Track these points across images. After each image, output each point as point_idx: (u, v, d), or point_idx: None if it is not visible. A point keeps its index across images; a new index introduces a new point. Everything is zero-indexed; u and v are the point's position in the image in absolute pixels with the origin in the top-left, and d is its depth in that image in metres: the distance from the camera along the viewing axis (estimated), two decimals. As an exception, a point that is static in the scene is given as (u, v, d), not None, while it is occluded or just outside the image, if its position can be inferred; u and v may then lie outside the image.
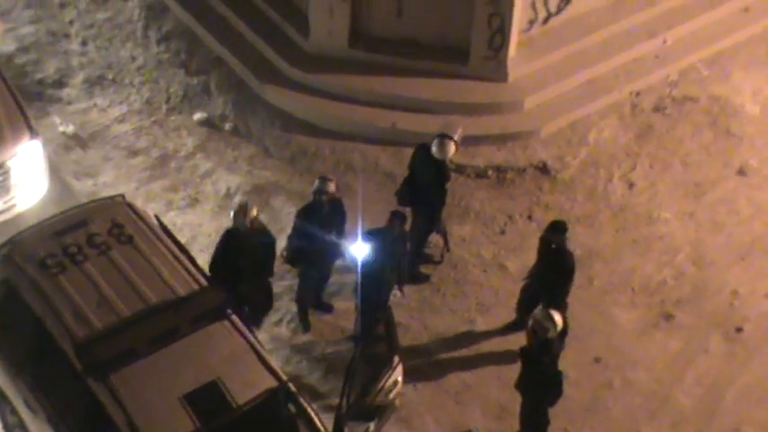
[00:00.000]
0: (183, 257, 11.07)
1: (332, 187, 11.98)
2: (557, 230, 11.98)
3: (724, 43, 15.42)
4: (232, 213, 11.65)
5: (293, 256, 12.22)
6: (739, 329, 12.79)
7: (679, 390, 12.28)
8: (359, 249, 11.68)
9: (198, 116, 14.65)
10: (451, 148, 12.46)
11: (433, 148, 12.45)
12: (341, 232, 12.23)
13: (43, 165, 13.09)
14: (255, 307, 11.99)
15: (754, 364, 12.50)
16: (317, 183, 12.02)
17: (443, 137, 12.46)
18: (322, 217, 12.00)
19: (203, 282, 10.94)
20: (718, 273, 13.34)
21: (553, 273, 11.95)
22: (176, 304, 10.63)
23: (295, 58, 14.65)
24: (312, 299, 12.60)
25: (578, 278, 13.12)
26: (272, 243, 11.79)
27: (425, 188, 12.61)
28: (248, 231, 11.56)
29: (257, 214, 11.64)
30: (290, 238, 12.20)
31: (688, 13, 15.40)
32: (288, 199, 13.71)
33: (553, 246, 11.91)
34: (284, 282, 12.71)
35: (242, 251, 11.54)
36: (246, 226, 11.52)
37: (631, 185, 14.19)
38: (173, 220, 13.17)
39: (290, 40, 14.78)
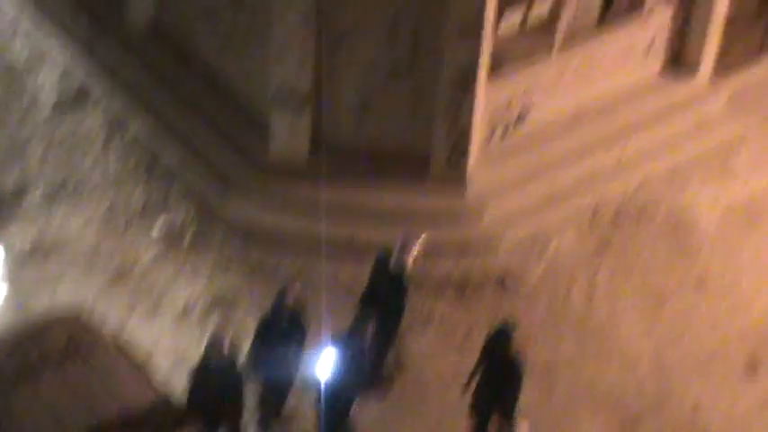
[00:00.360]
0: (140, 371, 10.92)
1: (291, 300, 11.92)
2: (503, 335, 11.90)
3: (680, 156, 15.62)
4: (204, 346, 11.54)
5: (253, 368, 12.09)
6: (702, 443, 12.80)
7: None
8: (320, 361, 11.59)
9: (157, 228, 14.58)
10: (409, 257, 12.44)
11: (391, 257, 12.44)
12: (301, 345, 12.14)
13: (2, 271, 12.99)
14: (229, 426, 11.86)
15: (716, 478, 12.49)
16: (276, 295, 11.96)
17: (402, 245, 12.46)
18: (281, 330, 11.92)
19: (161, 395, 10.80)
20: (679, 385, 13.32)
21: (502, 379, 11.86)
22: (133, 419, 10.47)
23: (255, 169, 14.66)
24: (273, 410, 12.43)
25: (539, 390, 13.13)
26: (240, 381, 11.67)
27: (384, 300, 12.56)
28: (219, 366, 11.43)
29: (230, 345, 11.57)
30: (249, 350, 12.09)
31: (645, 125, 15.60)
32: (248, 312, 13.59)
33: (501, 351, 11.84)
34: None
35: (212, 388, 11.40)
36: (218, 360, 11.41)
37: (591, 296, 14.22)
38: (131, 332, 13.00)
39: (250, 151, 14.81)
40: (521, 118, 15.07)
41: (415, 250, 12.51)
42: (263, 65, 14.27)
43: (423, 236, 12.87)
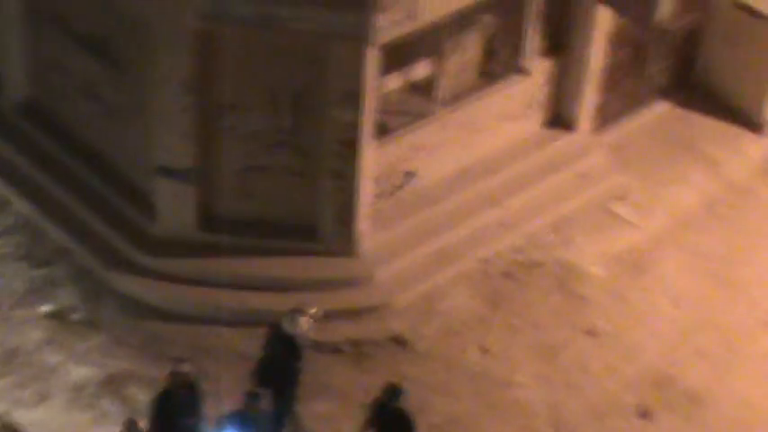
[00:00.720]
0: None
1: (187, 372, 11.82)
2: (393, 394, 11.92)
3: (565, 208, 15.91)
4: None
5: None
6: (600, 491, 12.93)
7: None
8: None
9: (44, 309, 14.32)
10: (303, 323, 12.44)
11: (285, 324, 12.43)
12: (198, 417, 12.01)
13: None
14: None
15: None
16: (171, 368, 11.84)
17: (294, 312, 12.48)
18: (178, 403, 11.79)
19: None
20: (575, 434, 13.51)
21: None
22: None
23: (143, 244, 14.57)
24: None
25: (440, 447, 13.21)
26: None
27: (280, 367, 12.52)
28: None
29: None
30: (147, 428, 11.93)
31: (529, 180, 15.88)
32: (142, 387, 13.42)
33: (391, 410, 11.84)
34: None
35: None
36: None
37: (486, 351, 14.34)
38: (21, 418, 12.76)
39: (137, 226, 14.73)
40: (407, 179, 15.23)
41: (311, 314, 12.51)
42: (145, 139, 14.26)
43: (315, 306, 12.90)
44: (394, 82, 14.53)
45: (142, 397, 13.30)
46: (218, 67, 13.75)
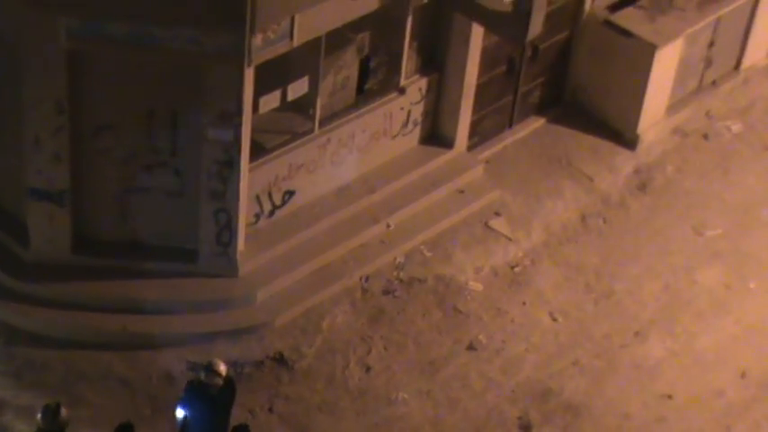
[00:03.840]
0: None
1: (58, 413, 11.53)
2: None
3: (443, 224, 16.04)
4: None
5: None
6: (482, 504, 13.03)
7: None
8: None
9: None
10: (222, 368, 12.11)
11: (202, 375, 12.09)
12: None
13: None
14: None
15: None
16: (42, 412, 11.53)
17: (210, 364, 12.16)
18: None
19: None
20: (457, 449, 13.62)
21: None
22: None
23: (14, 269, 14.26)
24: None
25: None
26: None
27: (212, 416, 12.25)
28: None
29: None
30: None
31: (408, 197, 15.97)
32: (16, 416, 13.12)
33: None
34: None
35: None
36: None
37: (368, 369, 14.38)
38: None
39: (8, 251, 14.41)
40: (286, 198, 15.20)
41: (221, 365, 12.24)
42: (17, 161, 13.94)
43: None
44: (271, 101, 14.49)
45: (17, 426, 13.03)
46: (92, 87, 13.53)
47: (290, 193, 15.23)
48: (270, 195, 15.03)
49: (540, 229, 16.32)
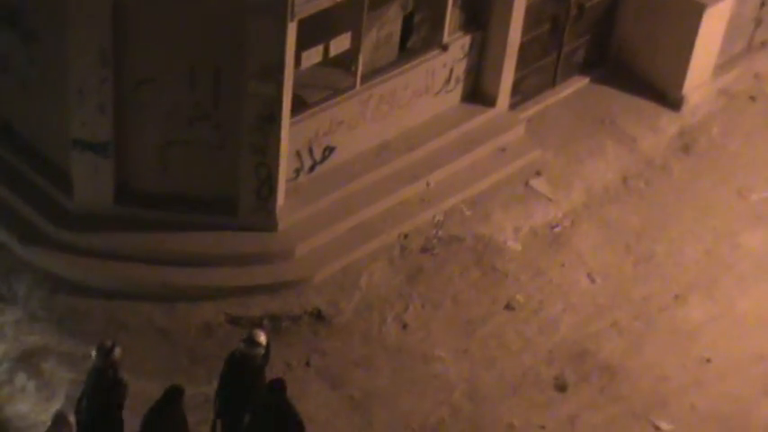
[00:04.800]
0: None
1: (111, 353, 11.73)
2: (276, 389, 11.84)
3: (484, 183, 16.01)
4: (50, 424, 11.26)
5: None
6: (516, 462, 13.10)
7: None
8: None
9: (-42, 284, 14.20)
10: (262, 339, 12.20)
11: (243, 346, 12.18)
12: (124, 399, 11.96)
13: None
14: None
15: (532, 497, 12.80)
16: (97, 351, 11.67)
17: (251, 333, 12.26)
18: (106, 384, 11.70)
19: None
20: (492, 407, 13.61)
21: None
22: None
23: (59, 218, 14.39)
24: None
25: (359, 421, 13.23)
26: None
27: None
28: None
29: None
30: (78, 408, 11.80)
31: (448, 155, 15.94)
32: (59, 362, 13.32)
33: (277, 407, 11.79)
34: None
35: None
36: None
37: (405, 326, 14.42)
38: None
39: (53, 200, 14.53)
40: (326, 154, 15.22)
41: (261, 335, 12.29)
42: (61, 112, 14.04)
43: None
44: (313, 56, 14.48)
45: (59, 373, 13.23)
46: (136, 40, 13.57)
47: (331, 149, 15.24)
48: (310, 151, 15.05)
49: (581, 190, 16.24)
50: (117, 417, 11.85)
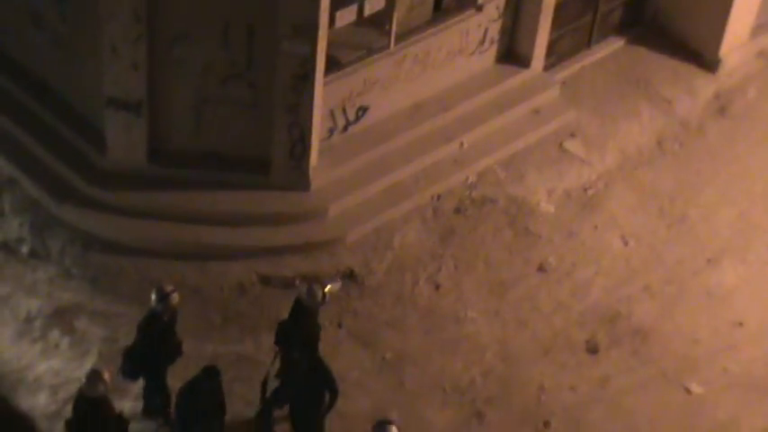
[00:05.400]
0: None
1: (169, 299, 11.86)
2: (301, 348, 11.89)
3: (517, 145, 15.94)
4: (85, 380, 11.21)
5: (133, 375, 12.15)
6: (547, 424, 13.05)
7: (493, 487, 12.47)
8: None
9: (-7, 239, 14.33)
10: (320, 296, 12.22)
11: (303, 295, 12.26)
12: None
13: None
14: None
15: (561, 457, 12.82)
16: (156, 295, 11.83)
17: (313, 285, 12.31)
18: (161, 330, 11.88)
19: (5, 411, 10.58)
20: (524, 369, 13.62)
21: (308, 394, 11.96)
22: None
23: (92, 176, 14.44)
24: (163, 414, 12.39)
25: (390, 382, 13.28)
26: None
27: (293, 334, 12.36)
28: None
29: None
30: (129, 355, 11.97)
31: (482, 116, 15.87)
32: (92, 320, 13.42)
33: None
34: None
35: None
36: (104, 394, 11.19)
37: (437, 287, 14.42)
38: (-31, 348, 12.76)
39: (86, 158, 14.58)
40: (360, 114, 15.19)
41: (328, 291, 12.38)
42: (94, 70, 14.05)
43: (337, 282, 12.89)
44: (347, 16, 14.41)
45: (92, 330, 13.33)
46: (169, -3, 13.60)
47: (364, 109, 15.19)
48: (344, 110, 15.01)
49: (616, 152, 16.14)
50: (165, 363, 12.03)
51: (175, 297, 11.83)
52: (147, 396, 12.47)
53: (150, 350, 11.93)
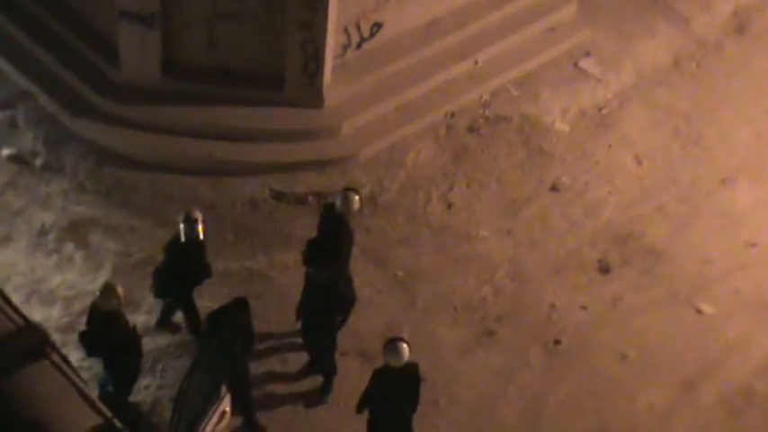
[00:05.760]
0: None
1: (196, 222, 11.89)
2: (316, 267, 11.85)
3: (532, 63, 15.82)
4: (99, 293, 11.28)
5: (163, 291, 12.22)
6: (557, 342, 13.11)
7: (503, 403, 12.51)
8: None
9: (6, 152, 14.26)
10: (355, 202, 12.23)
11: (337, 202, 12.29)
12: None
13: None
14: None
15: (571, 374, 12.83)
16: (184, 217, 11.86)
17: (347, 190, 12.33)
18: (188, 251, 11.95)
19: (19, 321, 10.61)
20: (535, 288, 13.65)
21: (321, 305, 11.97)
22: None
23: (106, 90, 14.41)
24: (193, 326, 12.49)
25: (402, 299, 13.34)
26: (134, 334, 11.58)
27: (331, 246, 12.32)
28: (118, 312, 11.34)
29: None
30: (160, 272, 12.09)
31: (497, 34, 15.74)
32: (106, 234, 13.49)
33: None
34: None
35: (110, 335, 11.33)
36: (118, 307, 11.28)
37: (450, 206, 14.42)
38: (-16, 259, 12.85)
39: (100, 72, 14.54)
40: (374, 30, 15.07)
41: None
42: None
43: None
44: (362, -71, 14.30)
45: (105, 244, 13.39)
46: None
47: (379, 26, 15.07)
48: (358, 27, 14.89)
49: (631, 71, 16.02)
50: (191, 284, 12.14)
51: (202, 224, 11.84)
52: (166, 312, 12.58)
53: (177, 271, 12.00)
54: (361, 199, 12.35)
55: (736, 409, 12.71)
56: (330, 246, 12.22)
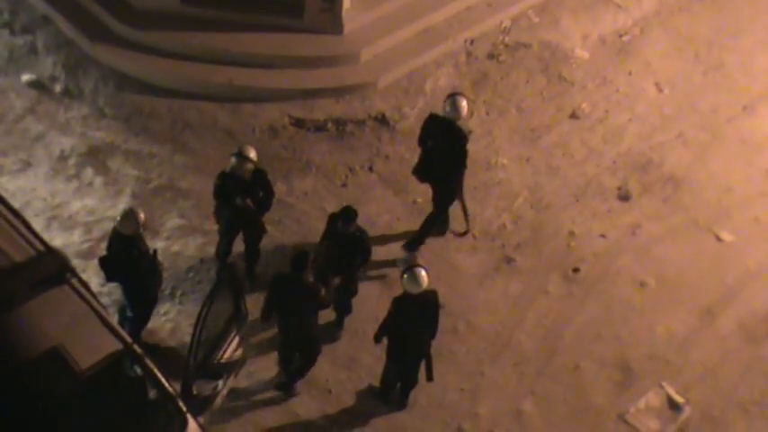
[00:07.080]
0: (16, 222, 10.75)
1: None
2: (347, 220, 11.68)
3: (553, -11, 15.72)
4: (120, 218, 11.28)
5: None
6: (576, 270, 13.13)
7: (521, 331, 12.57)
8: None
9: (26, 78, 14.22)
10: (464, 107, 12.15)
11: (447, 108, 12.21)
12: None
13: None
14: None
15: (590, 302, 12.87)
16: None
17: (455, 95, 12.28)
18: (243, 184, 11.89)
19: (39, 247, 10.67)
20: (554, 215, 13.64)
21: (345, 256, 11.81)
22: (11, 271, 10.34)
23: (125, 16, 14.32)
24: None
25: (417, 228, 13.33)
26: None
27: (443, 157, 12.27)
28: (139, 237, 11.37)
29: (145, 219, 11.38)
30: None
31: (518, -40, 15.63)
32: (125, 159, 13.49)
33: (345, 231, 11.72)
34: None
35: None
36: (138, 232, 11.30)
37: (469, 132, 14.34)
38: (4, 185, 12.80)
39: (120, -2, 14.51)
40: (394, -44, 14.95)
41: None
42: None
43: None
44: None
45: (124, 170, 13.41)
46: None
47: (398, -48, 14.96)
48: (377, -48, 14.79)
49: (653, -3, 15.92)
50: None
51: (250, 165, 11.76)
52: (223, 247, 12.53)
53: (223, 208, 12.00)
54: (470, 106, 12.19)
55: (755, 337, 12.75)
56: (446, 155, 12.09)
